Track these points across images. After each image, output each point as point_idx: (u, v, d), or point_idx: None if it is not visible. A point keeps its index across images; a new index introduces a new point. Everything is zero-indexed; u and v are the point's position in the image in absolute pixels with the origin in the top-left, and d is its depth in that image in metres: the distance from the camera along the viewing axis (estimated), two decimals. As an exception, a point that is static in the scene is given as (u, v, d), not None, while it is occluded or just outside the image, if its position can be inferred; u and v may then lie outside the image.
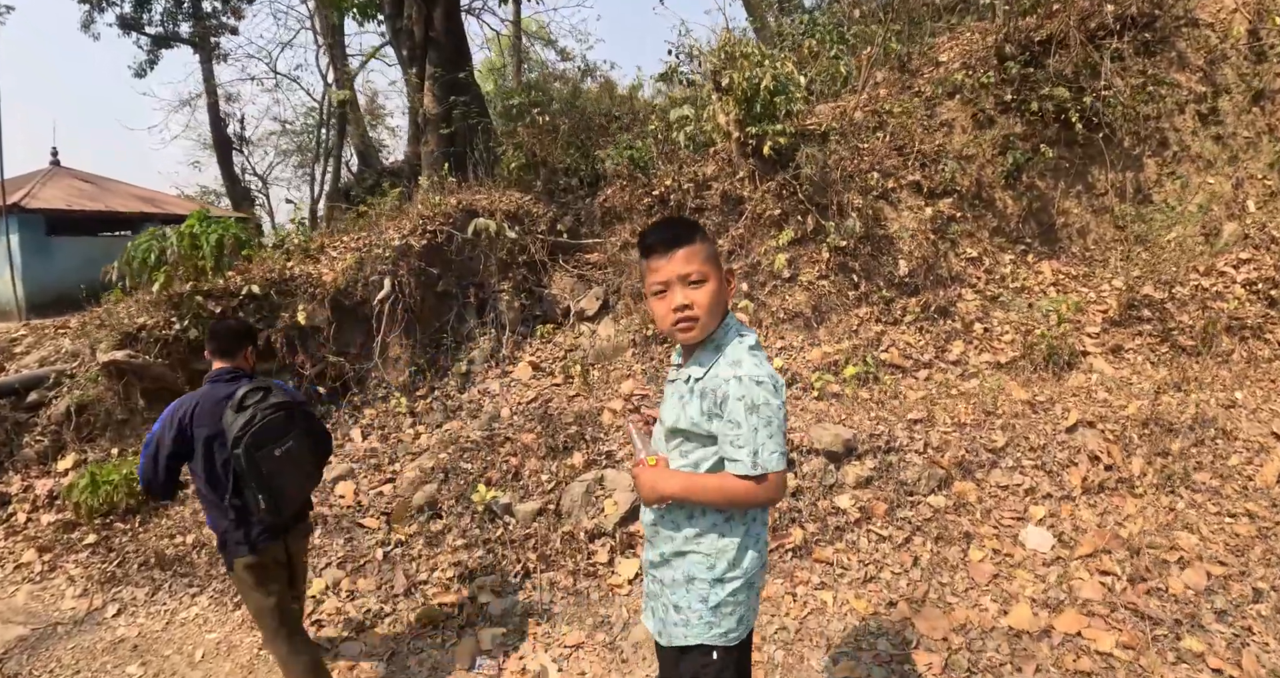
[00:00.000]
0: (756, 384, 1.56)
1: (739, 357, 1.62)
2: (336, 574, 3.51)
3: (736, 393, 1.57)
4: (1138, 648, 2.85)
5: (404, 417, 4.78)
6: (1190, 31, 5.91)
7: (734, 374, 1.58)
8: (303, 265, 5.29)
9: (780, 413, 1.59)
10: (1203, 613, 3.02)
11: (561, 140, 6.39)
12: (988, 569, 3.31)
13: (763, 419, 1.55)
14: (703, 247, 1.65)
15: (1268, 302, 5.13)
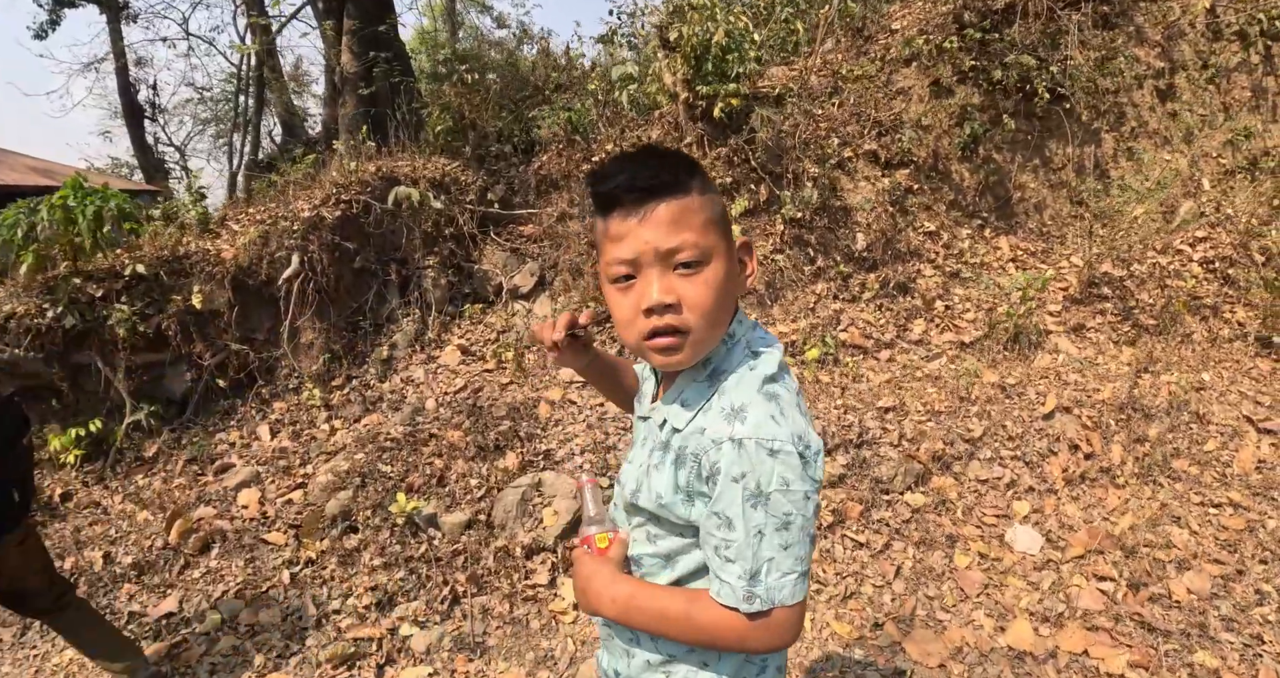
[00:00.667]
0: (769, 454, 0.93)
1: (745, 399, 0.98)
2: (234, 606, 2.91)
3: (733, 469, 0.95)
4: (1150, 667, 2.56)
5: (318, 410, 4.16)
6: (1148, 6, 5.72)
7: (731, 433, 0.95)
8: (199, 241, 4.57)
9: (808, 506, 0.96)
10: (1210, 622, 2.76)
11: (493, 102, 5.77)
12: (977, 578, 2.98)
13: (774, 518, 0.94)
14: (703, 201, 0.99)
15: (1224, 280, 4.99)
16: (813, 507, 0.97)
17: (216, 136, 20.18)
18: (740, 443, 0.94)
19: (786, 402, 1.00)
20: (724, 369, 1.05)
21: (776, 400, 0.99)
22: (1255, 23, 5.34)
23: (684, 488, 1.02)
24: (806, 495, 0.95)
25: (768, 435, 0.94)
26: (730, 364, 1.05)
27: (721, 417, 0.98)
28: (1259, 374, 4.35)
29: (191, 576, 3.08)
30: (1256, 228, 5.01)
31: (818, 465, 0.99)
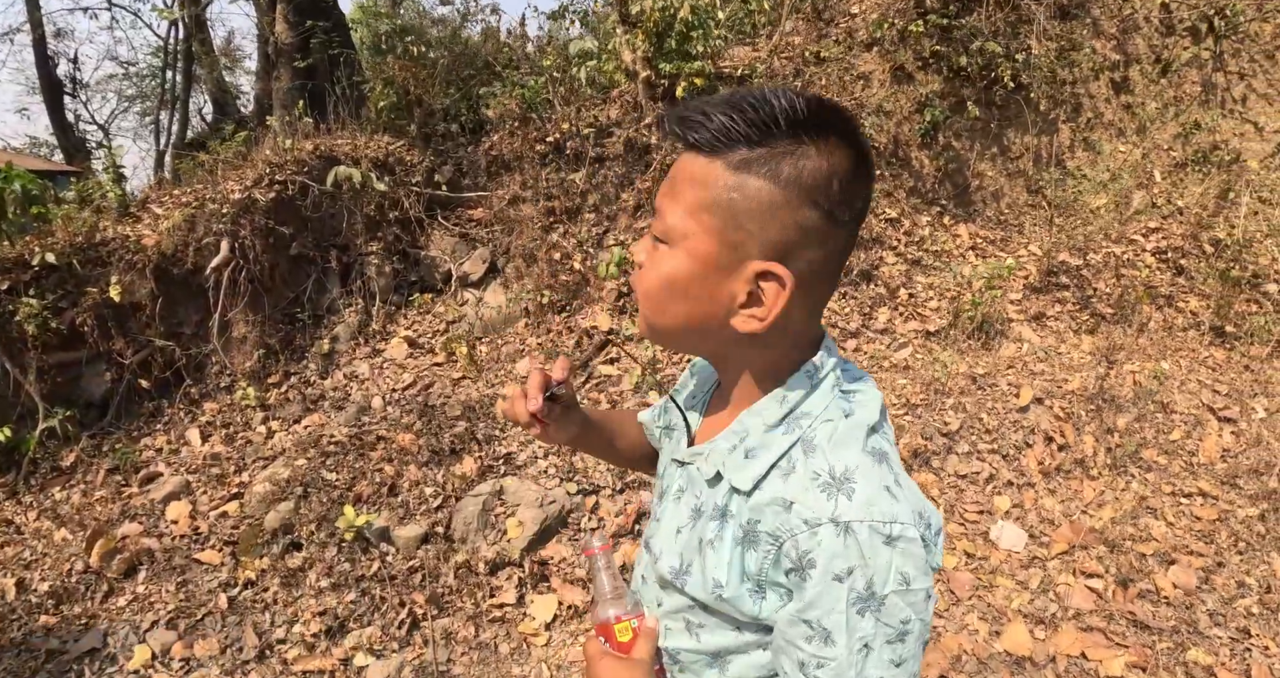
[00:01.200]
0: (886, 542, 0.69)
1: (847, 461, 0.73)
2: (166, 637, 2.57)
3: (836, 563, 0.69)
4: (1148, 668, 2.48)
5: (253, 411, 3.79)
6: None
7: (835, 514, 0.70)
8: (118, 227, 4.11)
9: (929, 607, 0.71)
10: (1199, 617, 2.71)
11: (440, 77, 5.40)
12: (966, 579, 2.87)
13: (887, 628, 0.69)
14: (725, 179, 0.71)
15: (1177, 271, 5.06)
16: (931, 607, 0.72)
17: (143, 114, 18.96)
18: (847, 527, 0.69)
19: (897, 464, 0.76)
20: (807, 412, 0.78)
21: (888, 463, 0.75)
22: (1206, 20, 5.40)
23: (754, 576, 0.75)
24: (928, 594, 0.71)
25: (884, 516, 0.69)
26: (815, 406, 0.78)
27: (816, 486, 0.72)
28: (1214, 363, 4.39)
29: (116, 604, 2.72)
30: (1206, 220, 5.09)
31: (936, 551, 0.74)
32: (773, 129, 0.69)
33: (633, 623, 0.85)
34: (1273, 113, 5.38)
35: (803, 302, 0.76)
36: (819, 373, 0.80)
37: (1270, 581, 2.88)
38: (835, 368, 0.81)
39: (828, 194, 0.70)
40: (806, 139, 0.69)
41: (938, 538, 0.75)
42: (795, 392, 0.79)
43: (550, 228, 4.90)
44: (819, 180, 0.69)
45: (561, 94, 5.16)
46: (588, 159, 5.01)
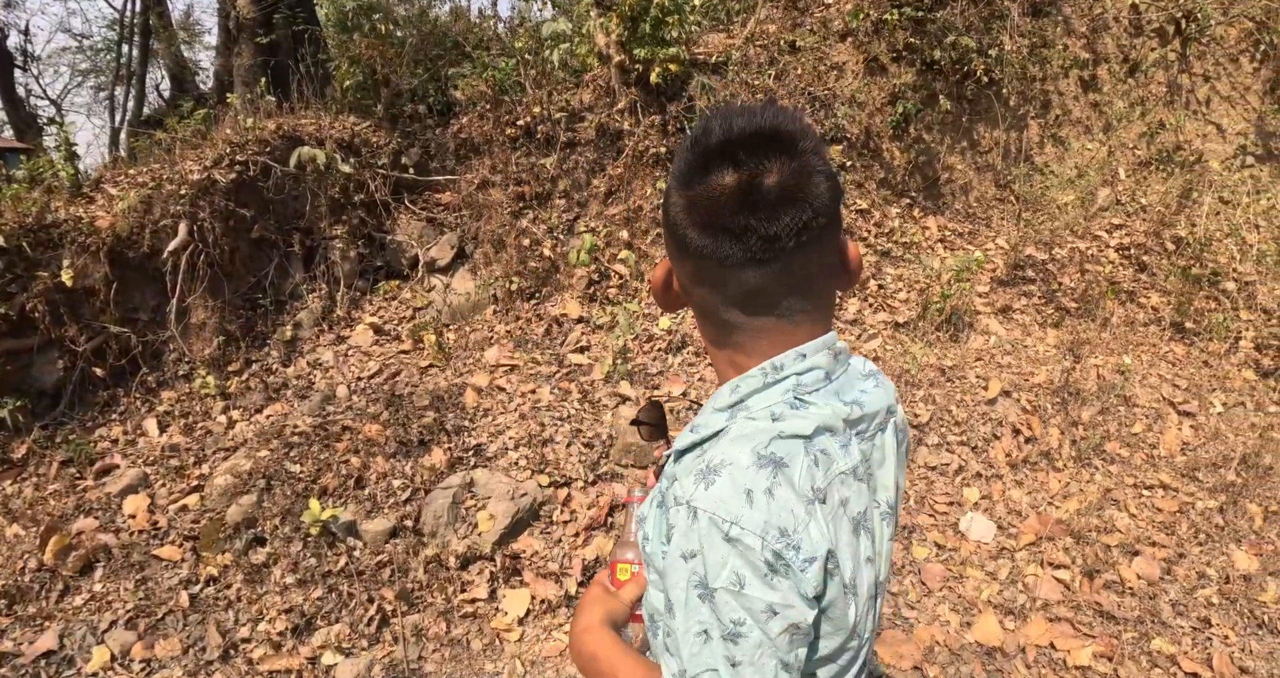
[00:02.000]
0: (725, 539, 0.69)
1: (731, 456, 0.73)
2: (125, 638, 2.46)
3: (683, 542, 0.72)
4: (1114, 657, 2.53)
5: (213, 400, 3.65)
6: (1076, -2, 5.80)
7: (690, 497, 0.73)
8: (70, 207, 3.91)
9: (771, 625, 0.69)
10: (1161, 607, 2.77)
11: (408, 56, 5.24)
12: (938, 571, 2.89)
13: (720, 623, 0.70)
14: None
15: (1139, 267, 5.16)
16: (781, 626, 0.69)
17: (97, 90, 18.18)
18: (695, 513, 0.71)
19: (792, 477, 0.72)
20: (747, 406, 0.80)
21: (774, 469, 0.72)
22: (1173, 22, 5.49)
23: (665, 533, 0.78)
24: (772, 609, 0.69)
25: (728, 514, 0.70)
26: (757, 403, 0.79)
27: (695, 471, 0.75)
28: (1174, 358, 4.49)
29: (73, 603, 2.60)
30: (1169, 218, 5.19)
31: (802, 578, 0.70)
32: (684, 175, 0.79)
33: (633, 568, 0.94)
34: (1235, 115, 5.51)
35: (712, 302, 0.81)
36: (777, 373, 0.80)
37: (1229, 571, 2.95)
38: (808, 375, 0.80)
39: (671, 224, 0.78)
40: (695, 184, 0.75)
41: (808, 565, 0.70)
42: (748, 384, 0.81)
43: (520, 213, 4.80)
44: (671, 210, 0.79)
45: (533, 77, 5.05)
46: (559, 144, 4.92)
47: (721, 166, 0.73)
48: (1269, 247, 4.98)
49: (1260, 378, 4.33)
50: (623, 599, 0.92)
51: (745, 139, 0.72)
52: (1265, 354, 4.45)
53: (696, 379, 3.91)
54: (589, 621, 0.90)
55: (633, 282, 4.61)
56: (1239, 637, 2.68)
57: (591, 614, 0.90)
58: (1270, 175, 5.35)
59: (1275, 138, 5.45)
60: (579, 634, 0.90)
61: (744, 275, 0.75)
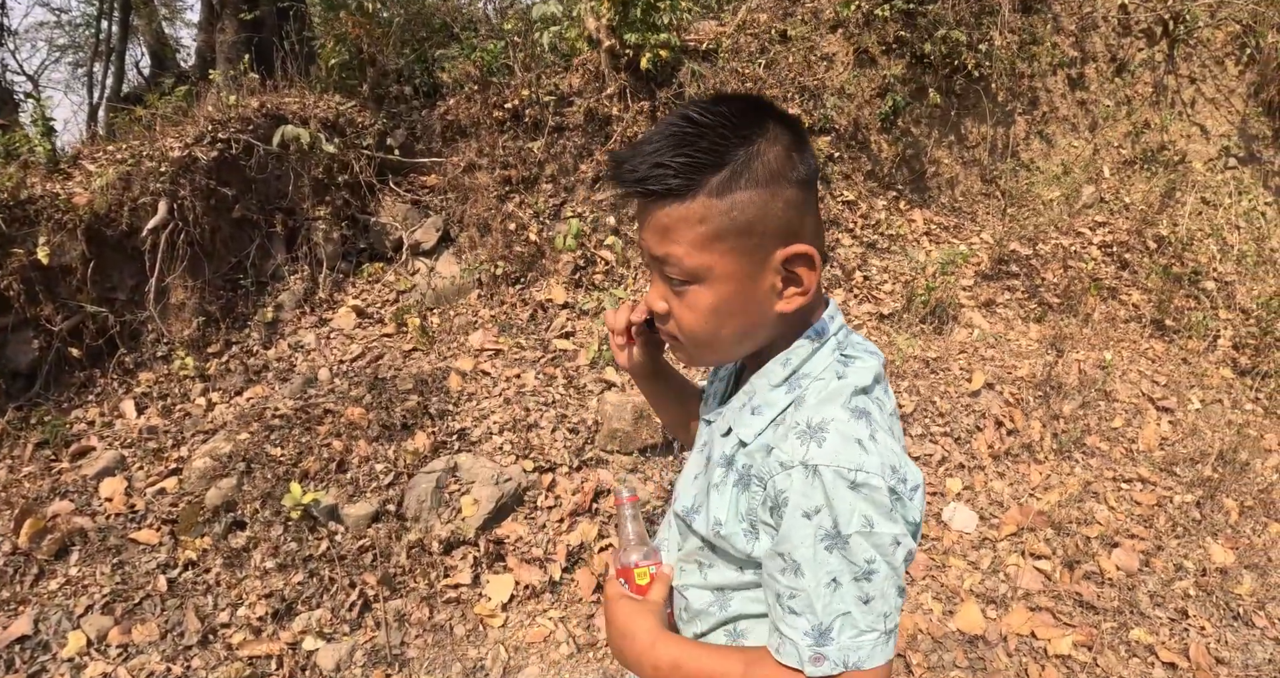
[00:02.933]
0: (850, 487, 0.74)
1: (827, 415, 0.79)
2: (102, 622, 2.40)
3: (804, 502, 0.76)
4: (1093, 647, 2.55)
5: (192, 382, 3.58)
6: (1066, -4, 5.83)
7: (805, 457, 0.76)
8: (47, 183, 3.80)
9: (896, 553, 0.76)
10: (1140, 598, 2.81)
11: (395, 36, 5.15)
12: (921, 559, 2.91)
13: (852, 566, 0.75)
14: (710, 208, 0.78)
15: (1121, 265, 5.21)
16: (903, 554, 0.77)
17: (75, 66, 17.72)
18: (815, 470, 0.76)
19: (879, 422, 0.81)
20: (807, 373, 0.86)
21: (867, 419, 0.80)
22: (1161, 23, 5.54)
23: (746, 516, 0.84)
24: (896, 540, 0.76)
25: (850, 463, 0.76)
26: (814, 368, 0.86)
27: (795, 434, 0.80)
28: (1154, 355, 4.55)
29: (48, 587, 2.53)
30: (1151, 217, 5.24)
31: (912, 504, 0.80)
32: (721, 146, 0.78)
33: (651, 569, 0.95)
34: (1219, 117, 5.57)
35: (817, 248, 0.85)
36: (821, 338, 0.88)
37: (1206, 564, 2.99)
38: (839, 333, 0.89)
39: (794, 168, 0.80)
40: (752, 136, 0.78)
41: (914, 493, 0.80)
42: (798, 354, 0.87)
43: (506, 197, 4.75)
44: (783, 163, 0.79)
45: (522, 60, 4.99)
46: (547, 128, 4.87)
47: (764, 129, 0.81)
48: (1249, 247, 5.05)
49: (1237, 376, 4.39)
50: (657, 602, 0.94)
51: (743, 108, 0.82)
52: (1243, 353, 4.52)
53: (681, 367, 3.90)
54: (647, 636, 0.89)
55: (619, 268, 4.58)
56: (1215, 628, 2.72)
57: (642, 627, 0.90)
58: (1252, 177, 5.42)
59: (1258, 141, 5.52)
60: (645, 653, 0.88)
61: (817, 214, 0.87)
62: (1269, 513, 3.36)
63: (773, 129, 0.80)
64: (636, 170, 0.79)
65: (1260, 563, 3.06)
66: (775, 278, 0.82)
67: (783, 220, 0.80)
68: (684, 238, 0.79)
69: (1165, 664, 2.53)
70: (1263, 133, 5.52)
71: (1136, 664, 2.54)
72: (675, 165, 0.77)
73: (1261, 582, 2.97)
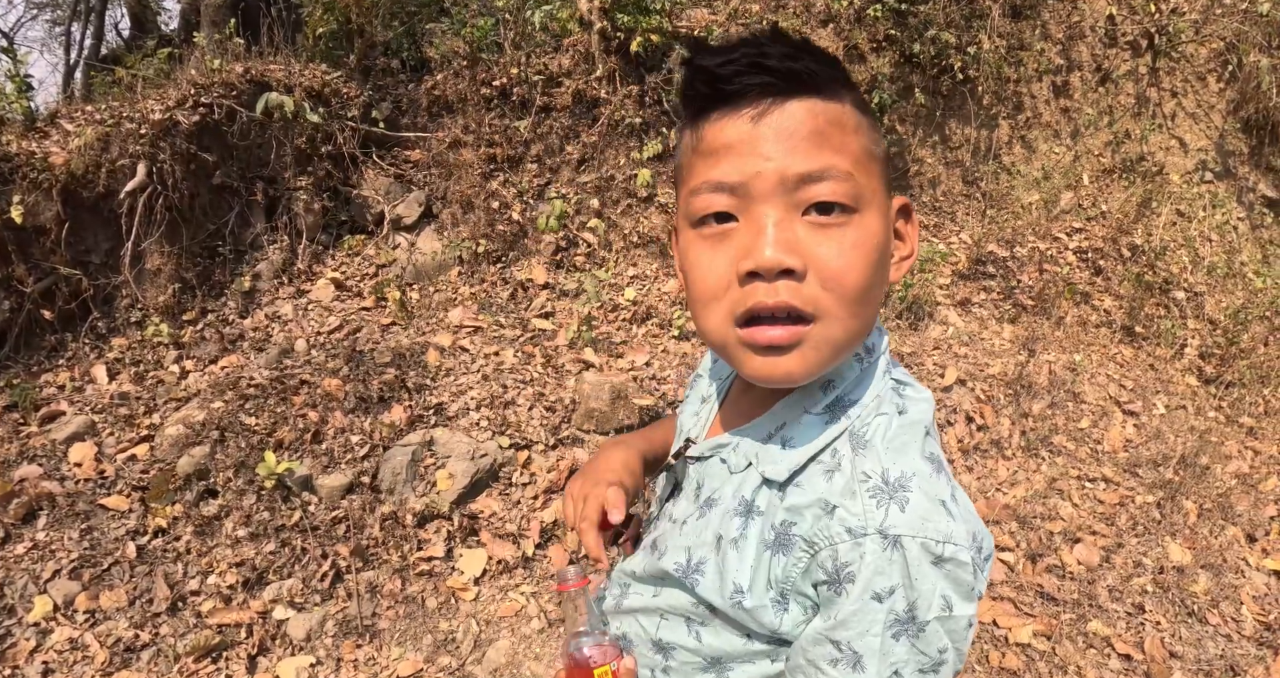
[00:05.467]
0: (935, 563, 0.60)
1: (905, 467, 0.64)
2: (69, 588, 2.35)
3: (878, 580, 0.61)
4: (1053, 637, 2.62)
5: (166, 349, 3.51)
6: (1055, 4, 5.89)
7: (883, 524, 0.61)
8: (22, 142, 3.70)
9: (968, 637, 0.63)
10: (1099, 592, 2.87)
11: (384, 7, 5.08)
12: (890, 548, 2.95)
13: (921, 656, 0.62)
14: (861, 119, 0.65)
15: (1095, 271, 5.30)
16: (970, 637, 0.64)
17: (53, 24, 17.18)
18: (897, 542, 0.60)
19: (951, 476, 0.67)
20: (854, 400, 0.68)
21: (945, 473, 0.66)
22: (1147, 36, 5.63)
23: (779, 584, 0.66)
24: (970, 622, 0.63)
25: (939, 534, 0.60)
26: (864, 395, 0.68)
27: (866, 490, 0.62)
28: (1123, 360, 4.64)
29: (14, 551, 2.47)
30: (1127, 225, 5.34)
31: (985, 577, 0.65)
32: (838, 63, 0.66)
33: (612, 666, 0.76)
34: (1198, 131, 5.68)
35: None
36: (871, 356, 0.70)
37: (1164, 562, 3.07)
38: (886, 352, 0.72)
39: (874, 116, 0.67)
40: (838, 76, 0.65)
41: (987, 564, 0.65)
42: (843, 375, 0.69)
43: (490, 175, 4.72)
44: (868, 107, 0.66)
45: (512, 38, 4.94)
46: (534, 107, 4.83)
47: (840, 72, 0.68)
48: (1219, 260, 5.17)
49: (1202, 384, 4.50)
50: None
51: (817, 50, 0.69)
52: (1208, 362, 4.63)
53: (660, 350, 3.91)
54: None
55: (600, 250, 4.58)
56: (1170, 624, 2.80)
57: None
58: (1226, 192, 5.54)
59: (1234, 157, 5.64)
60: None
61: None
62: (1226, 516, 3.46)
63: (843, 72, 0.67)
64: (769, 55, 0.61)
65: (1216, 563, 3.15)
66: (891, 227, 0.67)
67: (887, 166, 0.67)
68: (847, 146, 0.62)
69: (1121, 656, 2.60)
70: (1239, 149, 5.64)
71: (1093, 655, 2.60)
72: (825, 57, 0.63)
73: (1216, 581, 3.06)
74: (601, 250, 4.58)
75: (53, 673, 2.16)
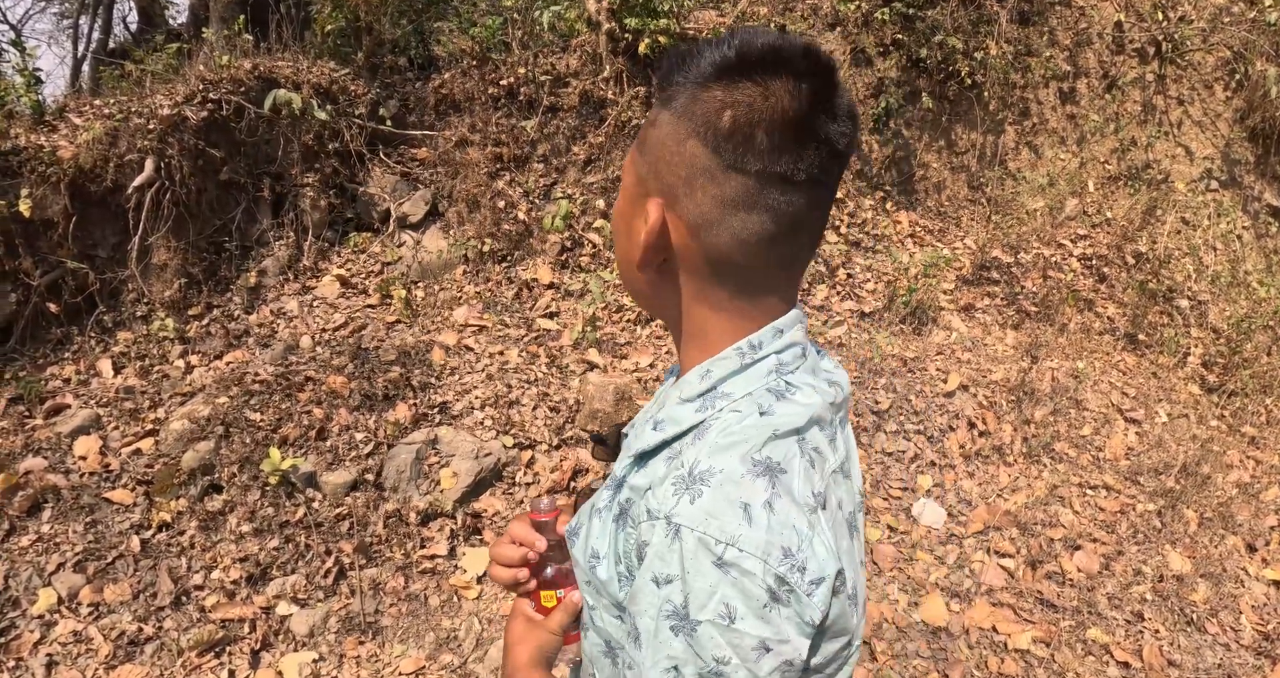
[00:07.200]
0: (716, 564, 0.59)
1: (719, 463, 0.62)
2: (74, 581, 2.37)
3: (657, 564, 0.61)
4: (1051, 644, 2.62)
5: (171, 344, 3.52)
6: (1064, 11, 5.89)
7: (672, 511, 0.61)
8: (31, 135, 3.71)
9: (761, 664, 0.59)
10: (1099, 599, 2.88)
11: (393, 6, 5.09)
12: (889, 552, 2.96)
13: (698, 660, 0.60)
14: (654, 115, 0.71)
15: (1099, 278, 5.31)
16: (772, 665, 0.59)
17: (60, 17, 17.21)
18: (677, 531, 0.60)
19: (791, 485, 0.63)
20: (725, 393, 0.69)
21: (771, 478, 0.62)
22: (1155, 43, 5.63)
23: (624, 559, 0.67)
24: (764, 645, 0.59)
25: (720, 534, 0.59)
26: (737, 388, 0.69)
27: (674, 479, 0.63)
28: (1125, 367, 4.65)
29: (19, 543, 2.49)
30: (1131, 233, 5.35)
31: (808, 603, 0.60)
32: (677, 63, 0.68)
33: (559, 592, 0.82)
34: (1204, 140, 5.68)
35: (701, 252, 0.68)
36: (755, 352, 0.70)
37: (1163, 571, 3.08)
38: (787, 353, 0.71)
39: (716, 127, 0.64)
40: (743, 81, 0.64)
41: (815, 588, 0.60)
42: (721, 367, 0.70)
43: (496, 174, 4.73)
44: (710, 114, 0.64)
45: (520, 37, 4.95)
46: (541, 107, 4.85)
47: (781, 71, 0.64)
48: (1224, 268, 5.17)
49: (1204, 393, 4.50)
50: (550, 629, 0.81)
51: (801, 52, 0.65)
52: (1211, 371, 4.63)
53: (664, 352, 3.91)
54: (519, 660, 0.80)
55: (605, 251, 4.59)
56: (1169, 632, 2.80)
57: (517, 658, 0.81)
58: (1231, 201, 5.54)
59: (1240, 165, 5.64)
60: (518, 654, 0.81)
61: (799, 196, 0.66)
62: (1226, 526, 3.47)
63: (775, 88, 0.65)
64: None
65: (1215, 573, 3.16)
66: (640, 226, 0.73)
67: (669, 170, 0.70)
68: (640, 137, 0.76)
69: (1120, 663, 2.61)
70: (1245, 158, 5.64)
71: (1092, 662, 2.61)
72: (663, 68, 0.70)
73: (1215, 590, 3.06)
74: (607, 251, 4.59)
75: (56, 666, 2.17)
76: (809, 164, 0.64)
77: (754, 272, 0.69)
